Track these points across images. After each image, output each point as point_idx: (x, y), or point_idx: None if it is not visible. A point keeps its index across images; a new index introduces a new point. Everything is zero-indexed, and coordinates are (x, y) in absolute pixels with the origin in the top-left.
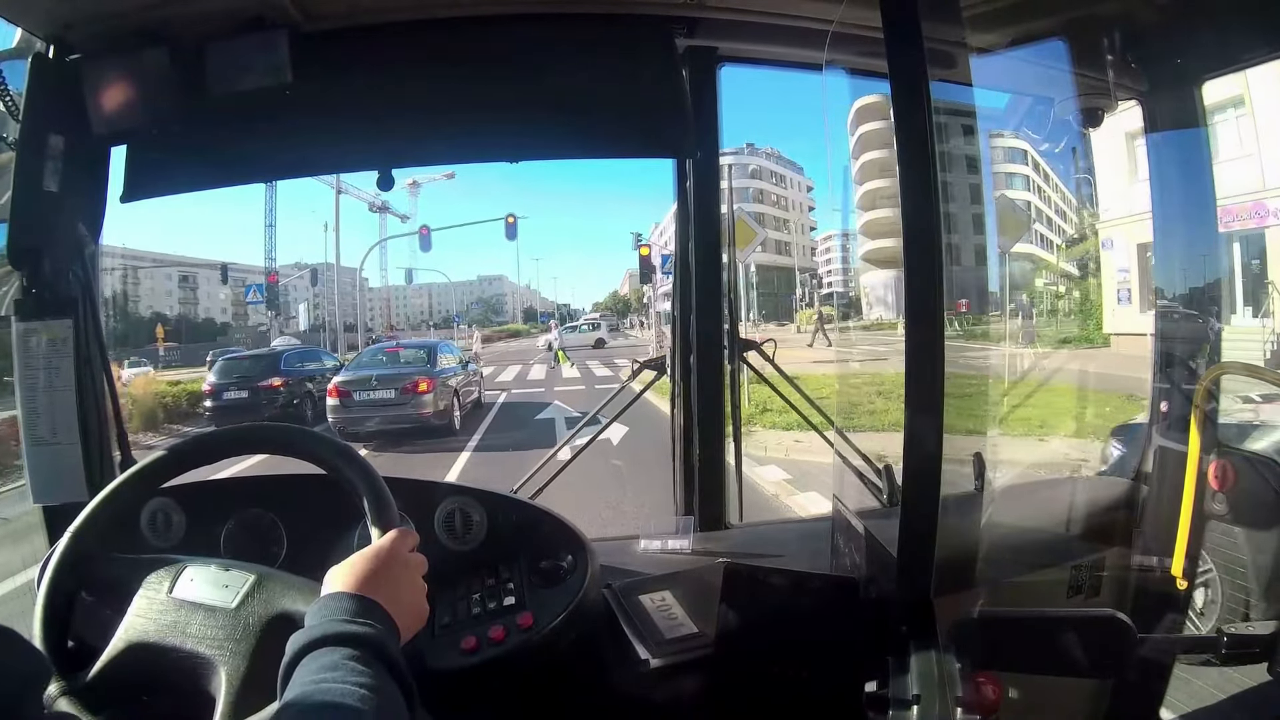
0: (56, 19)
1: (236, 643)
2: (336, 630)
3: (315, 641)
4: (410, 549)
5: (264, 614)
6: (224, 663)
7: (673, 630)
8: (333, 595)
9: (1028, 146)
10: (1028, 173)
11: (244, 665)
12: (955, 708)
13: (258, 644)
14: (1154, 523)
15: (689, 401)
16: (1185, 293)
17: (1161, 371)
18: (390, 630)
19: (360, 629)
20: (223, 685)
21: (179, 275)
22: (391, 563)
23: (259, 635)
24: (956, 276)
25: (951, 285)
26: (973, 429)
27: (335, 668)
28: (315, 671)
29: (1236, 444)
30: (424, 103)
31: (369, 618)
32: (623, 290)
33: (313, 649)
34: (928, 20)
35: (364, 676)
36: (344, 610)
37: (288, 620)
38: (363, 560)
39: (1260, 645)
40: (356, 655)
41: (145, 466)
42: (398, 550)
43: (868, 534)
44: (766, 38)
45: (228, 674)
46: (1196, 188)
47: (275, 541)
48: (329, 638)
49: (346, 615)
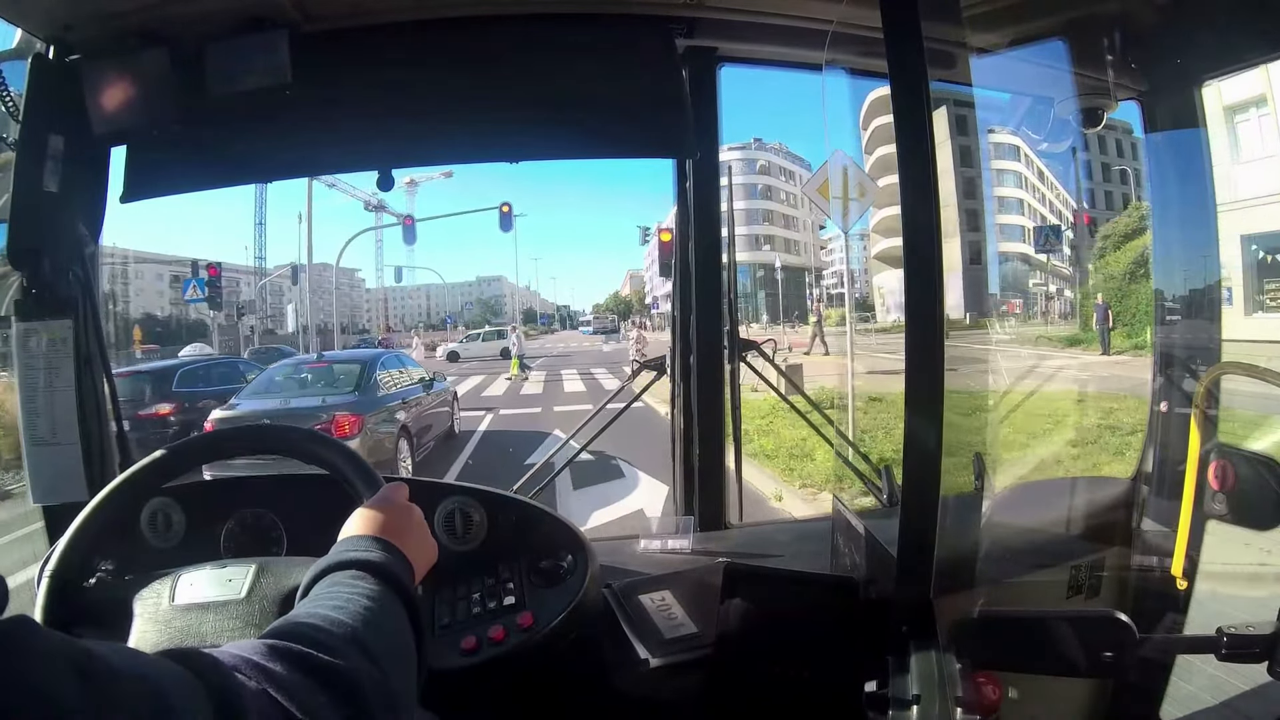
0: (56, 20)
1: (256, 629)
2: (344, 557)
3: (325, 569)
4: (406, 498)
5: (276, 594)
6: None
7: (672, 630)
8: (346, 538)
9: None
10: (1021, 169)
11: None
12: (955, 708)
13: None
14: (1154, 523)
15: (689, 402)
16: (1185, 293)
17: (1161, 371)
18: (402, 561)
19: (365, 555)
20: None
21: (170, 275)
22: (391, 509)
23: (277, 613)
24: (1005, 276)
25: (1001, 285)
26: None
27: (335, 584)
28: (327, 586)
29: (1236, 444)
30: (424, 103)
31: (382, 550)
32: (624, 291)
33: (326, 574)
34: (928, 20)
35: (362, 589)
36: (356, 544)
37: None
38: (366, 512)
39: (1260, 645)
40: (361, 575)
41: (145, 466)
42: (394, 499)
43: (868, 534)
44: (766, 38)
45: None
46: (1196, 188)
47: (275, 541)
48: (337, 564)
49: (358, 547)
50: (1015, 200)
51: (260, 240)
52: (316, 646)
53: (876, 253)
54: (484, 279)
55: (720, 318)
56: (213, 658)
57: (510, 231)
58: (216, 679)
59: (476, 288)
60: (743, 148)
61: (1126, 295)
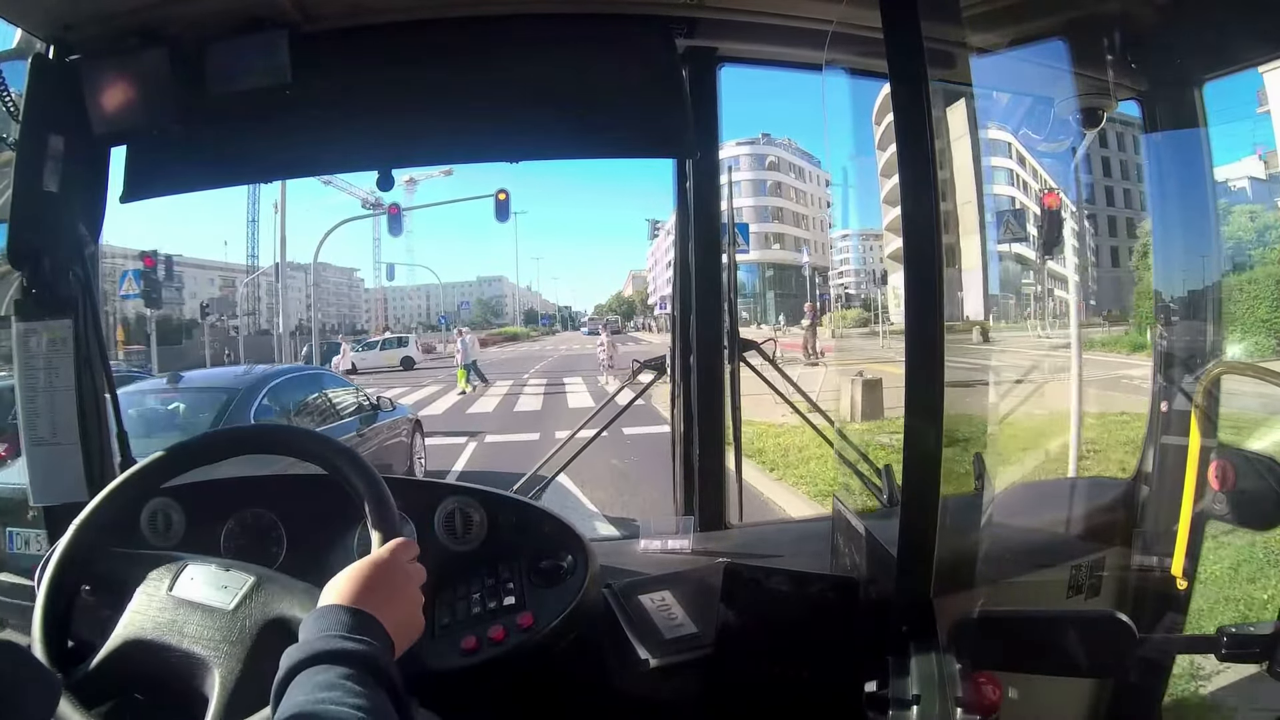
0: (56, 20)
1: (232, 645)
2: (332, 648)
3: (310, 658)
4: (410, 559)
5: (260, 618)
6: (218, 664)
7: (672, 630)
8: (329, 608)
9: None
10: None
11: (238, 668)
12: (955, 708)
13: (253, 647)
14: (1154, 523)
15: (689, 402)
16: (1185, 294)
17: (1162, 371)
18: (386, 646)
19: (356, 646)
20: (216, 686)
21: (162, 273)
22: (390, 575)
23: (254, 638)
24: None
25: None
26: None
27: (331, 687)
28: (311, 690)
29: (1236, 444)
30: (424, 103)
31: (365, 633)
32: (626, 292)
33: (307, 665)
34: (928, 20)
35: (360, 698)
36: (340, 625)
37: (283, 625)
38: (360, 571)
39: (1260, 645)
40: (352, 674)
41: (145, 466)
42: (397, 561)
43: (868, 534)
44: (766, 38)
45: (221, 676)
46: (1196, 188)
47: (275, 541)
48: (324, 654)
49: (342, 630)
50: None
51: (254, 238)
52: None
53: (890, 252)
54: (484, 279)
55: (720, 318)
56: None
57: (507, 222)
58: None
59: (477, 287)
60: (751, 143)
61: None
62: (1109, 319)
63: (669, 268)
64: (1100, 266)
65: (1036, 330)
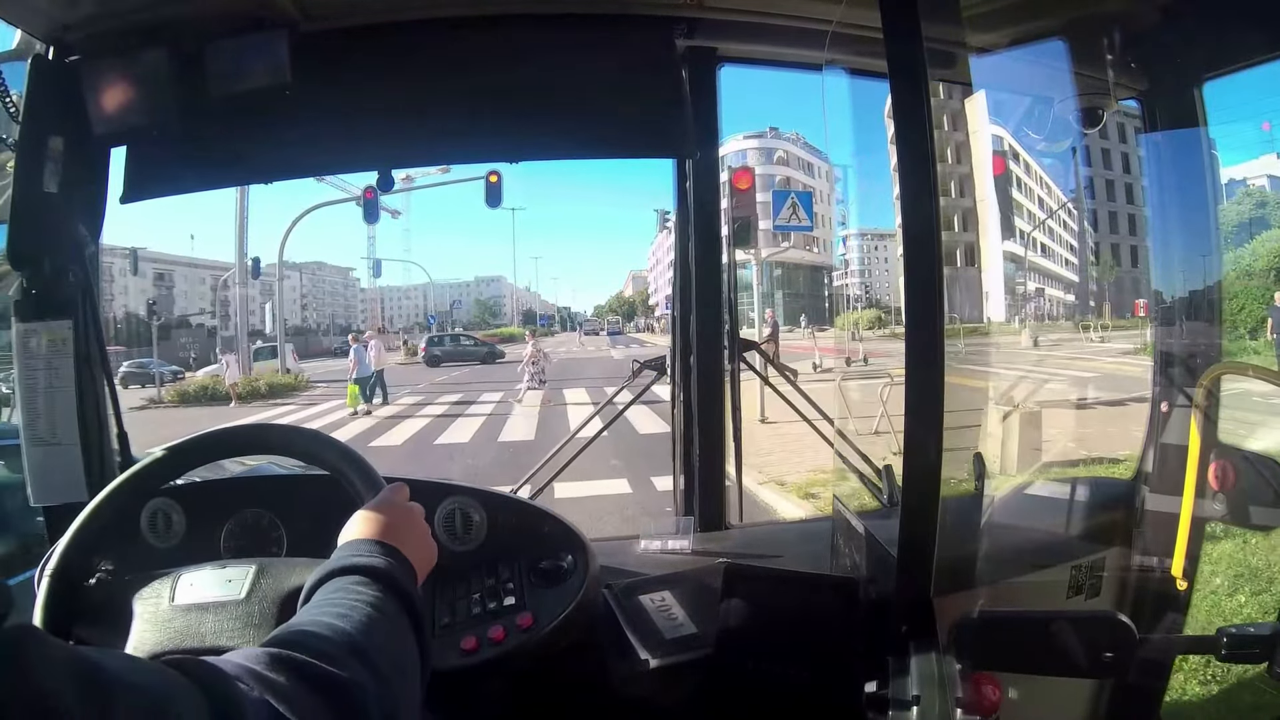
0: (56, 20)
1: (256, 629)
2: (346, 562)
3: (327, 575)
4: (407, 498)
5: (276, 595)
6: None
7: (672, 631)
8: (348, 542)
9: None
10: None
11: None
12: (955, 708)
13: (277, 623)
14: (1154, 523)
15: (689, 402)
16: (1185, 294)
17: (1161, 371)
18: (404, 564)
19: (370, 560)
20: None
21: (154, 272)
22: (393, 510)
23: (276, 615)
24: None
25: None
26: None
27: (337, 590)
28: (319, 598)
29: (1236, 444)
30: (424, 103)
31: (383, 554)
32: (626, 292)
33: (324, 582)
34: (928, 20)
35: (365, 596)
36: (358, 549)
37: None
38: (367, 514)
39: (1260, 645)
40: (363, 580)
41: (145, 466)
42: (396, 499)
43: (868, 534)
44: (766, 38)
45: None
46: (1196, 188)
47: (275, 541)
48: (339, 569)
49: (360, 552)
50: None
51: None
52: (319, 656)
53: (902, 252)
54: (482, 279)
55: (720, 318)
56: (214, 667)
57: (498, 207)
58: (218, 688)
59: (475, 287)
60: (758, 136)
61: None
62: (1107, 321)
63: (670, 267)
64: (1100, 265)
65: (1035, 333)
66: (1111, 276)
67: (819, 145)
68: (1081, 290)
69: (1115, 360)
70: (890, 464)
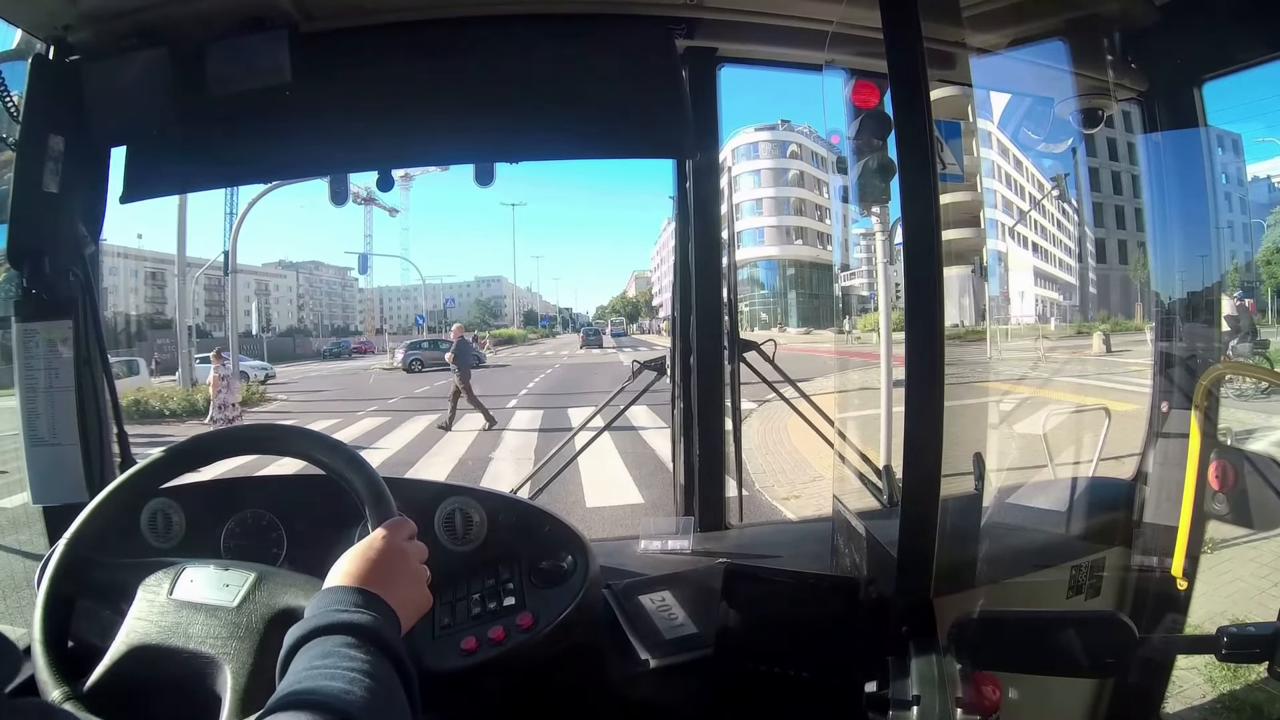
0: (56, 20)
1: (240, 641)
2: (332, 620)
3: (311, 632)
4: (408, 537)
5: (266, 611)
6: (228, 661)
7: (672, 631)
8: (331, 589)
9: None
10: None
11: (249, 662)
12: (955, 708)
13: (261, 640)
14: (1154, 523)
15: (689, 402)
16: (1184, 294)
17: (1162, 371)
18: (389, 619)
19: (356, 617)
20: (229, 683)
21: (146, 272)
22: (389, 553)
23: (262, 632)
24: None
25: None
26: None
27: (328, 654)
28: (309, 660)
29: (1236, 444)
30: (424, 103)
31: (368, 608)
32: (629, 293)
33: (309, 639)
34: (928, 20)
35: (357, 661)
36: (342, 601)
37: (290, 615)
38: (360, 553)
39: (1260, 645)
40: (352, 642)
41: (145, 467)
42: (394, 540)
43: (868, 534)
44: (766, 38)
45: (233, 671)
46: (1196, 188)
47: (275, 542)
48: (324, 628)
49: (343, 605)
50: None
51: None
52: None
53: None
54: (483, 279)
55: (720, 318)
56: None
57: (490, 185)
58: None
59: (475, 288)
60: (770, 128)
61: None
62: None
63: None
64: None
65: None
66: (1136, 275)
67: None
68: (1082, 290)
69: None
70: (890, 464)
